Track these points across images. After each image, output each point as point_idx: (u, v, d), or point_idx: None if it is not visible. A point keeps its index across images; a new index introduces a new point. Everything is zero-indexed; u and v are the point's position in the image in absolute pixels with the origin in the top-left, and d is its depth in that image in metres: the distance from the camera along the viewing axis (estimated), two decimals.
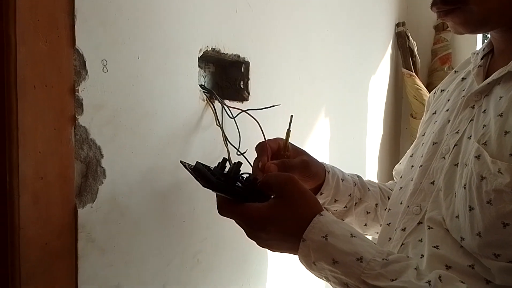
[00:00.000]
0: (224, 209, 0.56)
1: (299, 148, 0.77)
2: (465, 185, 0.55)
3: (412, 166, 0.70)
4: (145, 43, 0.69)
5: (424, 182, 0.63)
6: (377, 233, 0.79)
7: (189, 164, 0.62)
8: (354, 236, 0.51)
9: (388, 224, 0.68)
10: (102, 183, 0.65)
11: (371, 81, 1.55)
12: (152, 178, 0.73)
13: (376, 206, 0.82)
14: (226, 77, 0.96)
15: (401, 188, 0.70)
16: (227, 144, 0.82)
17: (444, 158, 0.62)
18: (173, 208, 0.77)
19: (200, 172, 0.56)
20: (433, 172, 0.63)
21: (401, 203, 0.67)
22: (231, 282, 0.92)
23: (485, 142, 0.55)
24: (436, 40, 1.76)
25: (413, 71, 1.69)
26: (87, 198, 0.63)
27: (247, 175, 0.61)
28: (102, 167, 0.64)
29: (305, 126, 1.15)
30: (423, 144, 0.70)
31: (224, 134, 0.82)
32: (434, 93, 0.81)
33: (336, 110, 1.30)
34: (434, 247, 0.57)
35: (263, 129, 0.72)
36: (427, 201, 0.62)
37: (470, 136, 0.58)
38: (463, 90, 0.67)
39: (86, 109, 0.62)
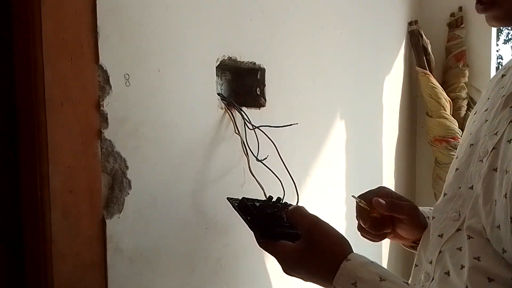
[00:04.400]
0: (260, 244, 0.61)
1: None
2: (506, 194, 0.52)
3: (457, 169, 0.66)
4: (164, 56, 0.71)
5: (463, 186, 0.61)
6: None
7: (235, 200, 0.65)
8: (383, 280, 0.52)
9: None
10: (128, 194, 0.66)
11: (385, 81, 1.55)
12: (175, 187, 0.75)
13: None
14: (243, 84, 0.97)
15: (445, 194, 0.67)
16: (246, 151, 0.83)
17: (481, 161, 0.59)
18: (196, 216, 0.79)
19: (244, 209, 0.62)
20: (471, 176, 0.60)
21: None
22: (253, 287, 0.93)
23: None
24: (450, 38, 1.74)
25: (428, 69, 1.68)
26: (114, 209, 0.65)
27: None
28: (128, 179, 0.66)
29: (321, 129, 1.15)
30: (460, 145, 0.67)
31: (243, 142, 0.83)
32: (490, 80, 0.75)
33: (351, 111, 1.30)
34: (475, 258, 0.54)
35: (278, 148, 0.77)
36: (466, 207, 0.59)
37: (510, 139, 0.55)
38: (502, 88, 0.63)
39: (111, 122, 0.63)
